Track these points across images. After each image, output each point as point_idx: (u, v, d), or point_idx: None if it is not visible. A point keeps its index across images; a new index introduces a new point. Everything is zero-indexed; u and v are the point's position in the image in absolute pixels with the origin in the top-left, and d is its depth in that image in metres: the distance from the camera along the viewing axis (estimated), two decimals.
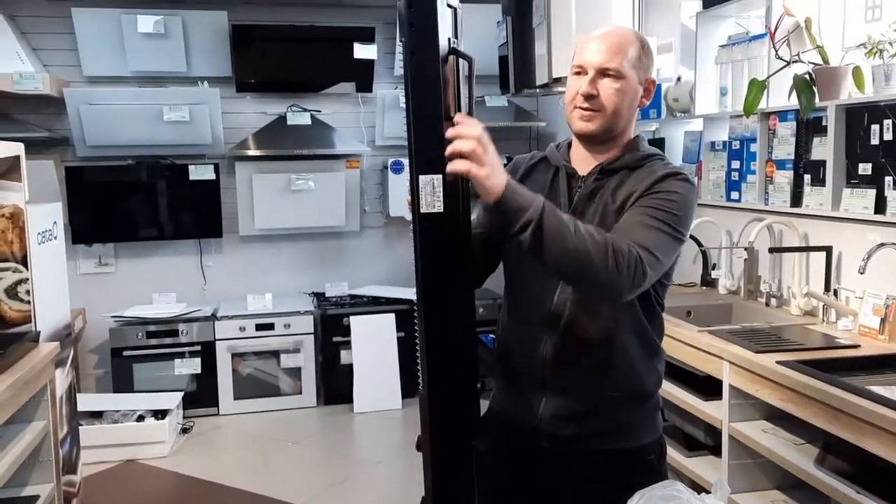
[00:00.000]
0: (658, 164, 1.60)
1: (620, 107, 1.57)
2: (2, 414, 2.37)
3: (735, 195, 3.47)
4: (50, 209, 3.12)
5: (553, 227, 1.36)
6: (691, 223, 1.58)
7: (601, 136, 1.60)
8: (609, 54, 1.55)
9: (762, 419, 2.65)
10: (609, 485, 1.58)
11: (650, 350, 1.66)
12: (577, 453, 1.62)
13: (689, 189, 1.56)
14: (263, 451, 4.14)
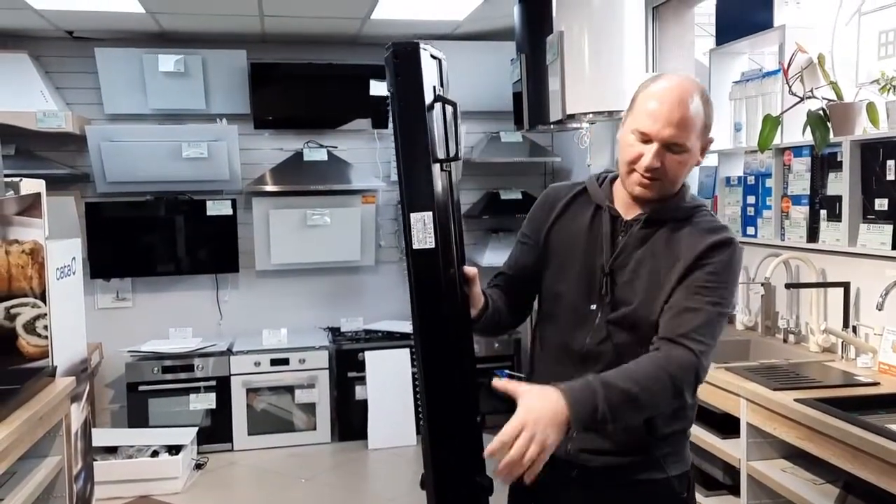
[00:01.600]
0: (704, 220, 1.61)
1: (680, 175, 1.59)
2: (17, 449, 2.38)
3: (751, 230, 3.46)
4: (69, 245, 3.16)
5: (621, 402, 1.40)
6: (738, 282, 1.64)
7: (660, 197, 1.61)
8: (679, 130, 1.52)
9: (781, 458, 2.61)
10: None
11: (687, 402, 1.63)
12: (606, 485, 1.62)
13: (736, 255, 1.58)
14: (277, 488, 4.11)
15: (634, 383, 1.41)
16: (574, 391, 1.37)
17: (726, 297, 1.55)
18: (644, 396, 1.41)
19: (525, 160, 5.12)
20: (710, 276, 1.53)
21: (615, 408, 1.39)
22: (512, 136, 5.09)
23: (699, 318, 1.50)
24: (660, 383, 1.43)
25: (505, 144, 5.09)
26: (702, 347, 1.48)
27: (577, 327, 1.63)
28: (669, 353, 1.47)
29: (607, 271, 1.61)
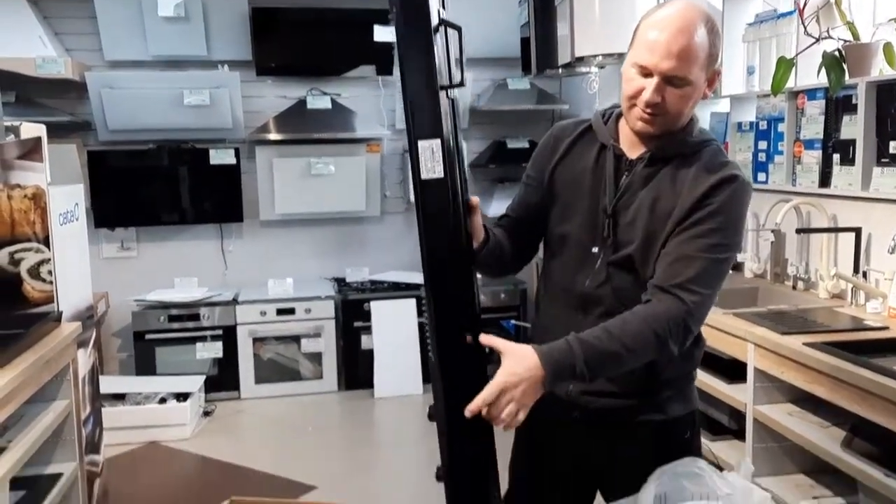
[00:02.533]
0: (711, 156, 1.53)
1: (684, 109, 1.50)
2: (24, 392, 2.39)
3: (762, 176, 3.41)
4: (71, 191, 3.13)
5: (601, 362, 1.41)
6: (744, 224, 1.55)
7: (660, 134, 1.54)
8: (679, 62, 1.44)
9: (787, 402, 2.61)
10: (637, 456, 1.58)
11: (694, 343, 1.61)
12: (607, 425, 1.61)
13: (740, 193, 1.50)
14: (284, 435, 4.15)
15: (616, 342, 1.41)
16: (553, 353, 1.39)
17: (728, 241, 1.49)
18: (626, 354, 1.41)
19: (532, 108, 5.04)
20: (711, 219, 1.46)
21: (594, 367, 1.40)
22: (519, 83, 5.00)
23: (695, 267, 1.45)
24: (643, 340, 1.41)
25: (512, 92, 5.00)
26: (695, 298, 1.44)
27: (578, 269, 1.61)
28: (657, 307, 1.44)
29: (610, 213, 1.57)
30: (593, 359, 1.39)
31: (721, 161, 1.53)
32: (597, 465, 1.67)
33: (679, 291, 1.44)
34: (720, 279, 1.49)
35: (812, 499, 2.48)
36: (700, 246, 1.46)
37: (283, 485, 3.47)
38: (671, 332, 1.42)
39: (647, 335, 1.41)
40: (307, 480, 3.47)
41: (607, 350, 1.40)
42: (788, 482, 2.59)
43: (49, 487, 2.65)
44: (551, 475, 1.72)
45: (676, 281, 1.45)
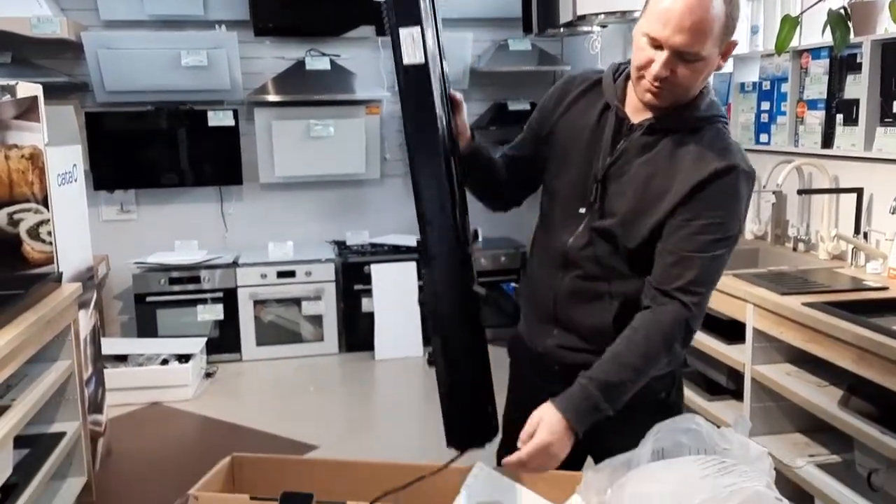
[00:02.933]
0: (714, 136, 1.45)
1: (694, 84, 1.43)
2: (26, 351, 2.41)
3: (764, 138, 3.39)
4: (69, 151, 3.12)
5: (620, 393, 1.42)
6: (745, 214, 1.50)
7: (672, 105, 1.47)
8: (692, 36, 1.35)
9: (785, 362, 2.62)
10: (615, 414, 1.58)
11: None
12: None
13: (741, 184, 1.44)
14: (286, 396, 4.18)
15: (629, 370, 1.42)
16: (578, 412, 1.40)
17: (728, 234, 1.43)
18: (639, 376, 1.43)
19: (534, 69, 4.99)
20: (709, 213, 1.41)
21: (615, 399, 1.42)
22: (520, 44, 4.94)
23: (695, 268, 1.42)
24: (652, 356, 1.43)
25: (513, 53, 4.95)
26: (696, 299, 1.43)
27: (563, 227, 1.59)
28: (659, 316, 1.43)
29: (600, 178, 1.52)
30: (611, 394, 1.41)
31: (722, 146, 1.45)
32: None
33: (680, 295, 1.42)
34: (720, 272, 1.47)
35: (808, 457, 2.50)
36: (699, 244, 1.42)
37: (285, 444, 3.50)
38: (676, 337, 1.44)
39: (655, 350, 1.43)
40: (309, 440, 3.51)
41: (622, 381, 1.42)
42: (785, 440, 2.61)
43: (53, 446, 2.68)
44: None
45: (677, 284, 1.42)
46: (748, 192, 1.46)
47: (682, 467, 1.21)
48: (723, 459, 1.22)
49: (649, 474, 1.23)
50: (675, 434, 1.33)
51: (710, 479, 1.16)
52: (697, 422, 1.33)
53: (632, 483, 1.21)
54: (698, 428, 1.32)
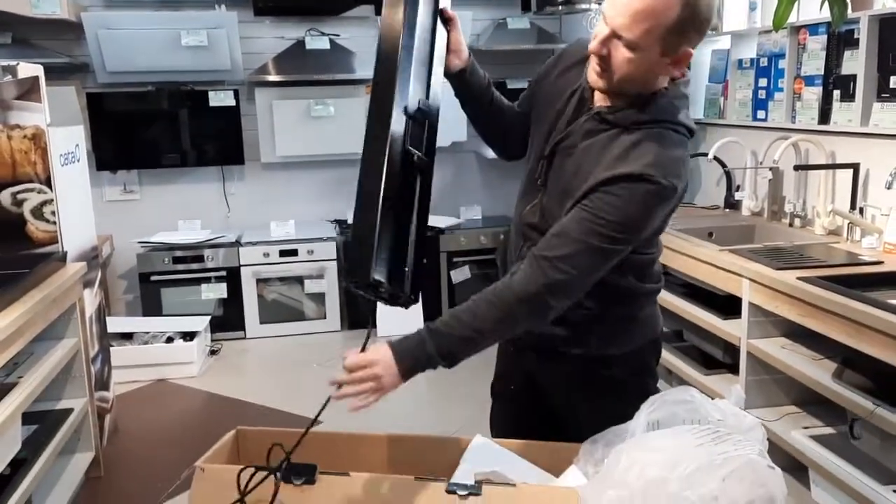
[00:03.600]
0: (643, 140, 1.40)
1: (632, 76, 1.39)
2: (32, 329, 2.45)
3: (761, 114, 3.40)
4: (71, 132, 3.14)
5: (454, 349, 1.38)
6: (648, 225, 1.41)
7: (616, 93, 1.45)
8: (631, 20, 1.32)
9: (780, 336, 2.66)
10: (572, 387, 1.64)
11: (626, 293, 1.59)
12: (543, 351, 1.64)
13: (647, 195, 1.37)
14: (290, 373, 4.23)
15: (467, 327, 1.38)
16: (405, 346, 1.39)
17: (617, 236, 1.38)
18: (477, 336, 1.39)
19: (532, 48, 4.98)
20: (607, 208, 1.37)
21: (447, 355, 1.38)
22: (519, 23, 4.94)
23: (570, 247, 1.38)
24: (493, 319, 1.39)
25: (512, 31, 4.94)
26: (559, 276, 1.37)
27: (524, 198, 1.61)
28: (515, 279, 1.40)
29: (546, 153, 1.54)
30: (444, 347, 1.38)
31: (650, 153, 1.38)
32: (543, 387, 1.72)
33: (545, 264, 1.38)
34: (595, 267, 1.41)
35: (803, 428, 2.54)
36: (584, 228, 1.38)
37: (289, 419, 3.55)
38: (527, 307, 1.39)
39: (498, 314, 1.39)
40: (312, 415, 3.55)
41: (459, 336, 1.38)
42: (780, 413, 2.66)
43: (61, 421, 2.73)
44: (517, 393, 1.79)
45: (547, 254, 1.39)
46: (656, 205, 1.39)
47: (676, 436, 1.24)
48: (717, 429, 1.25)
49: (645, 443, 1.26)
50: (670, 405, 1.36)
51: (704, 447, 1.19)
52: (691, 393, 1.36)
53: (627, 451, 1.24)
54: (692, 399, 1.35)
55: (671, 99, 1.46)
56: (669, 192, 1.38)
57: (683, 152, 1.45)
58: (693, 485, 1.13)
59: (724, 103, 3.70)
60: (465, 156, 5.14)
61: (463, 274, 4.93)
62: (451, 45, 1.61)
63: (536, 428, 1.75)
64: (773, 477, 1.15)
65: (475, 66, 1.68)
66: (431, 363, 1.38)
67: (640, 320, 1.64)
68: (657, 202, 1.38)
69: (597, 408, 1.60)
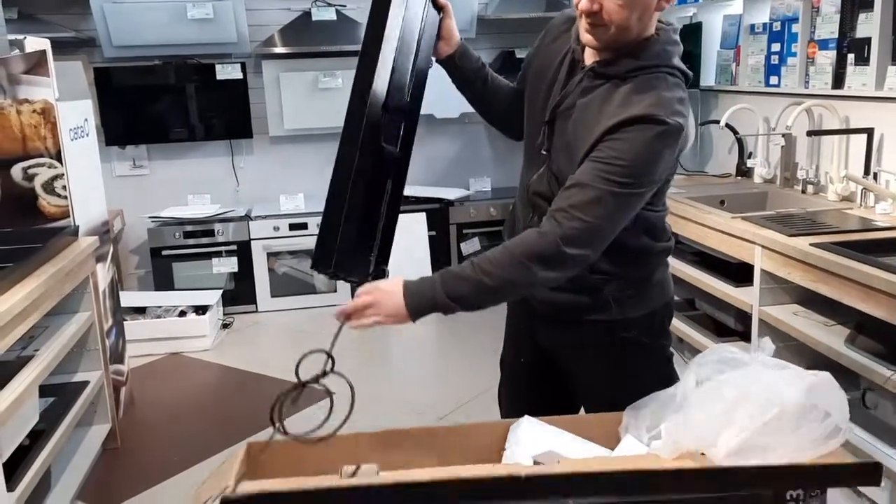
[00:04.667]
0: (641, 85, 1.40)
1: (628, 21, 1.38)
2: (47, 302, 2.47)
3: (774, 80, 3.36)
4: (80, 106, 3.14)
5: (463, 293, 1.37)
6: (658, 168, 1.39)
7: (611, 47, 1.44)
8: None
9: (793, 303, 2.64)
10: (588, 353, 1.64)
11: (639, 251, 1.58)
12: (561, 320, 1.64)
13: (653, 134, 1.36)
14: (301, 346, 4.20)
15: (479, 271, 1.37)
16: (412, 284, 1.39)
17: (631, 179, 1.36)
18: (489, 282, 1.37)
19: (542, 15, 4.91)
20: (616, 152, 1.35)
21: (456, 297, 1.37)
22: None
23: (585, 194, 1.36)
24: (508, 268, 1.37)
25: None
26: (574, 224, 1.36)
27: (529, 167, 1.61)
28: (530, 234, 1.39)
29: (546, 119, 1.54)
30: (454, 289, 1.37)
31: (650, 95, 1.39)
32: (558, 357, 1.71)
33: (560, 215, 1.37)
34: (613, 213, 1.38)
35: None
36: (597, 176, 1.36)
37: (301, 392, 3.58)
38: (541, 258, 1.36)
39: (512, 263, 1.37)
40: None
41: (471, 280, 1.37)
42: None
43: (77, 394, 2.77)
44: (528, 365, 1.79)
45: (561, 205, 1.38)
46: (664, 145, 1.38)
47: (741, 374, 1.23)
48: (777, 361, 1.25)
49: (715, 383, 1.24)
50: (714, 364, 1.34)
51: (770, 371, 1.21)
52: (732, 350, 1.34)
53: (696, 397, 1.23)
54: (734, 354, 1.33)
55: (663, 45, 1.46)
56: (675, 130, 1.38)
57: (683, 93, 1.44)
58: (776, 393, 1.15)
59: (736, 69, 3.65)
60: (474, 127, 5.12)
61: (473, 246, 4.94)
62: (442, 32, 1.64)
63: (546, 398, 1.76)
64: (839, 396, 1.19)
65: (466, 51, 1.70)
66: (441, 304, 1.38)
67: (656, 282, 1.64)
68: (664, 142, 1.38)
69: (616, 372, 1.61)
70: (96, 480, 2.84)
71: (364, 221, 1.49)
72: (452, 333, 1.37)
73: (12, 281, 2.28)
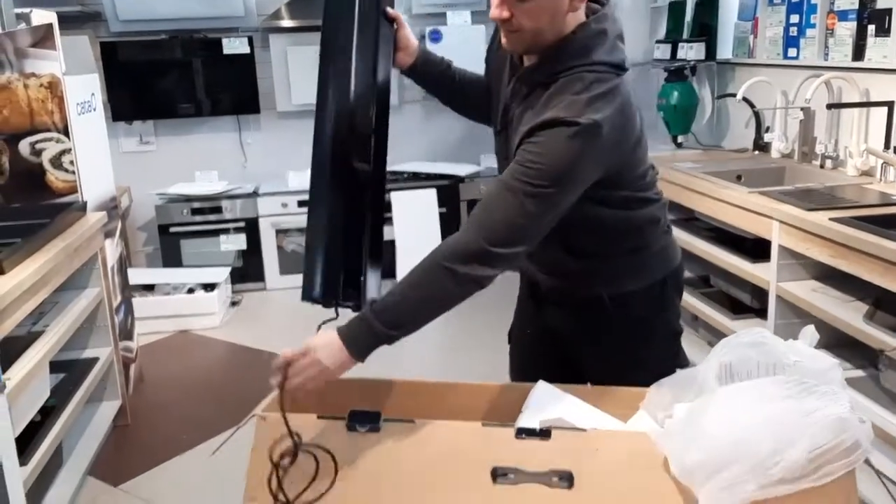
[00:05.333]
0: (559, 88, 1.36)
1: (539, 27, 1.36)
2: (56, 278, 2.45)
3: (792, 52, 3.29)
4: (87, 80, 3.10)
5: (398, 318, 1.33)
6: (578, 169, 1.33)
7: (534, 51, 1.41)
8: None
9: (811, 279, 2.60)
10: (594, 332, 1.61)
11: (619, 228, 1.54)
12: (565, 302, 1.63)
13: (565, 139, 1.30)
14: (310, 323, 4.20)
15: (408, 286, 1.34)
16: (349, 329, 1.34)
17: (543, 180, 1.30)
18: (418, 298, 1.34)
19: None
20: (529, 156, 1.32)
21: (396, 323, 1.33)
22: None
23: (503, 197, 1.32)
24: (430, 276, 1.33)
25: None
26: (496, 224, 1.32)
27: (502, 164, 1.60)
28: (455, 237, 1.35)
29: (499, 129, 1.55)
30: (391, 319, 1.33)
31: (562, 97, 1.35)
32: (562, 338, 1.69)
33: (482, 215, 1.34)
34: (534, 213, 1.32)
35: None
36: (514, 175, 1.32)
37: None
38: (465, 258, 1.32)
39: (434, 269, 1.33)
40: None
41: (401, 305, 1.34)
42: None
43: (87, 370, 2.76)
44: (530, 341, 1.78)
45: (483, 204, 1.36)
46: (581, 144, 1.31)
47: (759, 389, 1.16)
48: (801, 380, 1.15)
49: (728, 399, 1.17)
50: (743, 348, 1.28)
51: (791, 400, 1.12)
52: (764, 335, 1.28)
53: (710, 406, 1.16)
54: (765, 340, 1.27)
55: (582, 40, 1.39)
56: (590, 128, 1.30)
57: (607, 87, 1.36)
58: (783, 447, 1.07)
59: (754, 41, 3.58)
60: None
61: None
62: (398, 43, 1.63)
63: (555, 373, 1.73)
64: (862, 430, 1.10)
65: (427, 56, 1.70)
66: (384, 338, 1.33)
67: (654, 251, 1.60)
68: (580, 143, 1.31)
69: (618, 350, 1.59)
70: (107, 456, 2.83)
71: (349, 245, 1.49)
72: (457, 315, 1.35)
73: (21, 256, 2.26)
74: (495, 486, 1.16)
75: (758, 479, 1.06)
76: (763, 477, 1.06)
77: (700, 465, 1.10)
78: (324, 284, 1.48)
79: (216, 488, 2.57)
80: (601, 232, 1.52)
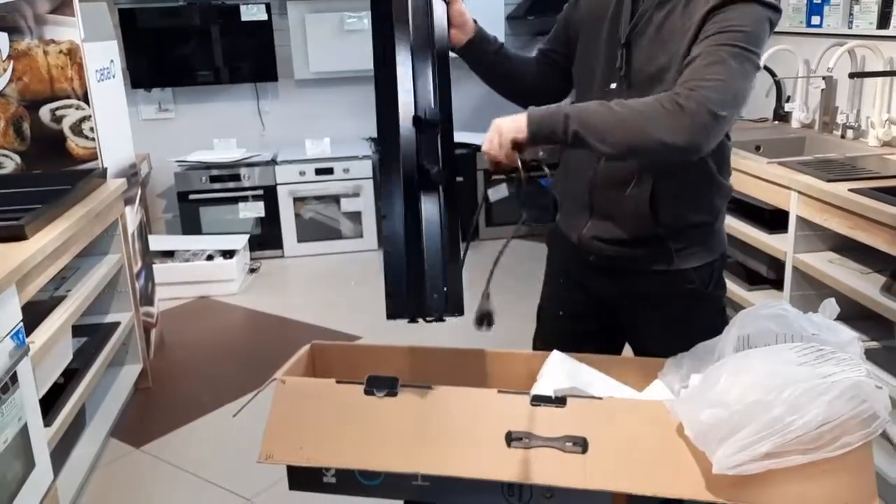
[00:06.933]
0: None
1: None
2: (78, 244, 2.49)
3: (816, 20, 3.23)
4: (106, 47, 3.11)
5: (592, 120, 1.29)
6: (764, 40, 1.34)
7: None
8: None
9: (828, 250, 2.59)
10: (649, 303, 1.59)
11: (705, 185, 1.54)
12: (619, 271, 1.60)
13: (760, 7, 1.32)
14: (328, 290, 4.28)
15: (612, 106, 1.30)
16: (539, 113, 1.33)
17: (747, 43, 1.30)
18: (624, 115, 1.29)
19: None
20: (728, 22, 1.30)
21: (582, 120, 1.30)
22: None
23: (708, 61, 1.29)
24: (647, 109, 1.29)
25: None
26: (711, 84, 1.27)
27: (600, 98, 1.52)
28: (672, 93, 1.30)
29: (624, 42, 1.47)
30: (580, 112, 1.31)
31: None
32: (612, 309, 1.67)
33: (692, 83, 1.29)
34: (740, 75, 1.30)
35: None
36: (714, 43, 1.30)
37: (329, 335, 3.61)
38: (682, 106, 1.27)
39: (654, 107, 1.29)
40: (352, 331, 3.61)
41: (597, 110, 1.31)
42: None
43: (109, 334, 2.81)
44: (572, 316, 1.73)
45: (690, 76, 1.30)
46: (767, 16, 1.33)
47: (776, 354, 1.16)
48: (819, 346, 1.15)
49: (744, 363, 1.16)
50: (761, 320, 1.27)
51: (807, 367, 1.11)
52: (784, 307, 1.27)
53: (726, 371, 1.15)
54: (785, 313, 1.26)
55: None
56: (776, 8, 1.35)
57: None
58: (798, 410, 1.07)
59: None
60: None
61: (500, 192, 4.83)
62: (452, 19, 1.52)
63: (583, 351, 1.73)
64: (879, 396, 1.09)
65: (482, 34, 1.60)
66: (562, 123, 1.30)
67: (716, 231, 1.60)
68: (768, 13, 1.34)
69: (673, 323, 1.57)
70: (129, 419, 2.90)
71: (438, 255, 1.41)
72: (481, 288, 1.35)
73: (43, 222, 2.29)
74: (509, 449, 1.18)
75: (773, 439, 1.07)
76: (779, 437, 1.07)
77: (714, 427, 1.10)
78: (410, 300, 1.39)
79: (236, 450, 2.63)
80: (692, 189, 1.52)
